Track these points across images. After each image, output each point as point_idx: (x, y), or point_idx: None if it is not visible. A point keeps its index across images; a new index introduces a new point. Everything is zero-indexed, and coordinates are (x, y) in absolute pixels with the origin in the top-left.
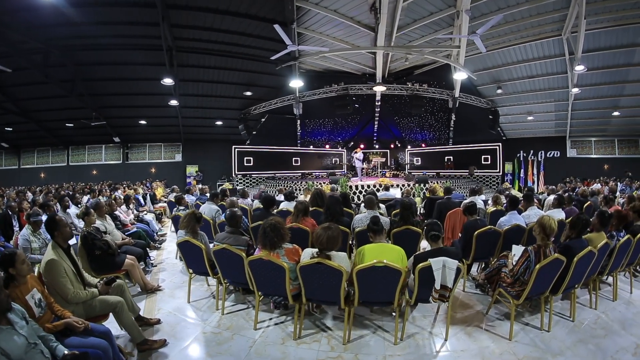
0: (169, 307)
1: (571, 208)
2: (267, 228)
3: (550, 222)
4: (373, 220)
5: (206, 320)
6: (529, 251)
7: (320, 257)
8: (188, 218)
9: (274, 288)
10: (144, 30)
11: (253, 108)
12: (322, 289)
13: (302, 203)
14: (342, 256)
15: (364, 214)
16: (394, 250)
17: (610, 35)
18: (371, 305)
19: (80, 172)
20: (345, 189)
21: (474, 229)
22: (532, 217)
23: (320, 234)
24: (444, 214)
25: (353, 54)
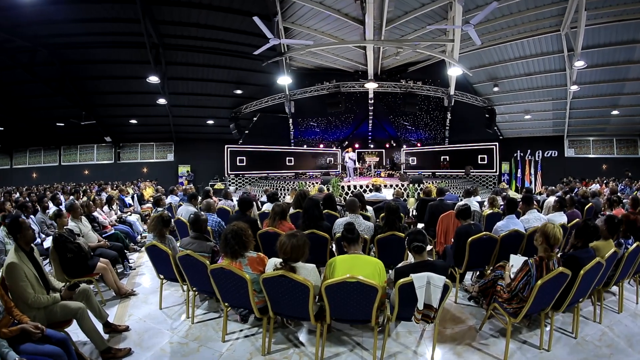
0: (141, 314)
1: (573, 211)
2: (228, 235)
3: (555, 231)
4: (347, 228)
5: (175, 329)
6: (529, 265)
7: (284, 268)
8: (155, 221)
9: (238, 300)
10: (127, 27)
11: (244, 107)
12: (289, 304)
13: (280, 205)
14: (309, 268)
15: (346, 217)
16: (370, 263)
17: (610, 31)
18: (345, 323)
19: (72, 172)
20: (337, 190)
21: (467, 235)
22: (531, 221)
23: (284, 242)
24: (436, 216)
25: (344, 51)
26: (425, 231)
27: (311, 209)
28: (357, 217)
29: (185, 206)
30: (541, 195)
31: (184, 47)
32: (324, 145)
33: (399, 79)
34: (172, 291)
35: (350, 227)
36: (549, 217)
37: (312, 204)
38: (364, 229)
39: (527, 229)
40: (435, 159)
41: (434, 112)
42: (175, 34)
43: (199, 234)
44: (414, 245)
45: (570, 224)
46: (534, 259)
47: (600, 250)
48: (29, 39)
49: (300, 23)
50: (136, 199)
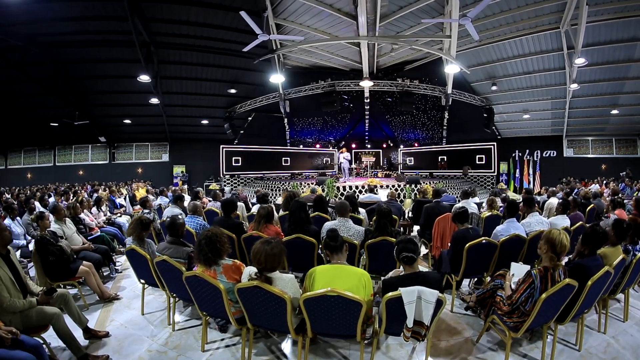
0: (122, 319)
1: (576, 213)
2: (201, 241)
3: (562, 238)
4: (329, 235)
5: (155, 336)
6: (533, 276)
7: (259, 279)
8: (134, 224)
9: (215, 309)
10: (117, 25)
11: (238, 106)
12: (266, 315)
13: (265, 207)
14: (286, 279)
15: (335, 221)
16: (354, 275)
17: (610, 28)
18: (329, 337)
19: (67, 173)
20: (332, 191)
21: (464, 240)
22: (533, 225)
23: (258, 251)
24: (432, 219)
25: (338, 48)
26: (421, 234)
27: (297, 211)
28: (346, 220)
29: (171, 208)
30: (541, 196)
31: (176, 46)
32: (321, 145)
33: (395, 77)
34: (156, 296)
35: (333, 234)
36: (551, 220)
37: (298, 207)
38: (353, 233)
39: (528, 233)
40: (432, 159)
41: (432, 111)
42: (167, 32)
43: (175, 238)
44: (404, 256)
45: (573, 227)
46: (538, 270)
47: (608, 257)
48: (20, 38)
49: (292, 20)
50: (128, 200)
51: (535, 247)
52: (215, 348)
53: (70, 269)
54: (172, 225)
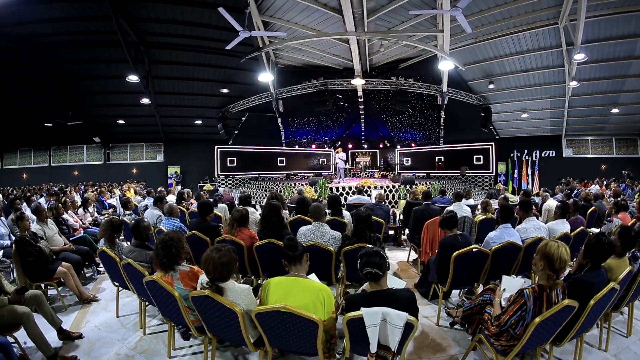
0: (97, 321)
1: (577, 217)
2: (158, 245)
3: (561, 253)
4: (287, 244)
5: (126, 339)
6: (525, 296)
7: (210, 289)
8: (104, 226)
9: (174, 316)
10: (102, 25)
11: (231, 106)
12: (221, 326)
13: (239, 211)
14: (239, 290)
15: (310, 226)
16: (311, 290)
17: (610, 24)
18: (292, 354)
19: (62, 173)
20: (325, 192)
21: (452, 248)
22: (530, 231)
23: (206, 259)
24: (421, 223)
25: (330, 46)
26: (410, 238)
27: (269, 215)
28: (321, 225)
29: (151, 210)
30: (539, 197)
31: (166, 45)
32: (317, 146)
33: (389, 76)
34: (133, 299)
35: (291, 243)
36: (549, 225)
37: (270, 210)
38: (328, 239)
39: (524, 240)
40: (430, 159)
41: (428, 111)
42: (155, 31)
43: (139, 241)
44: (367, 272)
45: (573, 232)
46: (531, 290)
47: (613, 270)
48: (11, 40)
49: (278, 16)
50: (118, 200)
51: (531, 255)
52: (182, 355)
53: (48, 269)
54: (135, 228)
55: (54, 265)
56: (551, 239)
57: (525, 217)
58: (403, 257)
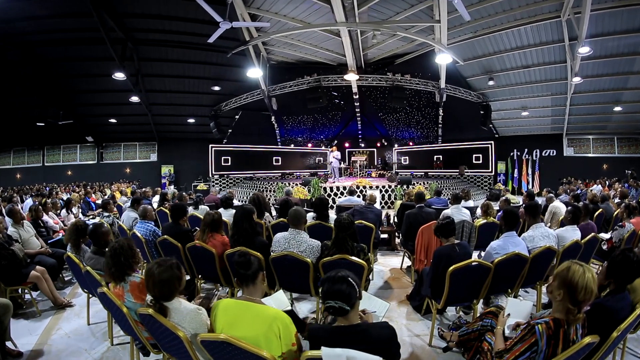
0: (69, 328)
1: (587, 223)
2: (107, 253)
3: (587, 281)
4: (238, 260)
5: (93, 349)
6: (537, 334)
7: (154, 308)
8: (70, 230)
9: (130, 330)
10: (86, 22)
11: (224, 104)
12: (171, 347)
13: (210, 214)
14: (184, 312)
15: (285, 233)
16: (264, 319)
17: (614, 18)
18: None
19: (56, 173)
20: (318, 192)
21: (448, 260)
22: (537, 239)
23: (147, 274)
24: (414, 227)
25: (322, 40)
26: (404, 244)
27: (240, 220)
28: (298, 233)
29: (128, 212)
30: (541, 198)
31: (155, 42)
32: (313, 145)
33: (385, 72)
34: None
35: (243, 259)
36: (559, 232)
37: (241, 214)
38: (305, 249)
39: (531, 250)
40: (428, 158)
41: (426, 108)
42: (142, 27)
43: (97, 248)
44: (329, 306)
45: (584, 239)
46: (545, 326)
47: (637, 291)
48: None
49: (265, 8)
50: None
51: (538, 266)
52: None
53: (22, 273)
54: (92, 234)
55: (27, 269)
56: (574, 261)
57: (532, 223)
58: (396, 263)
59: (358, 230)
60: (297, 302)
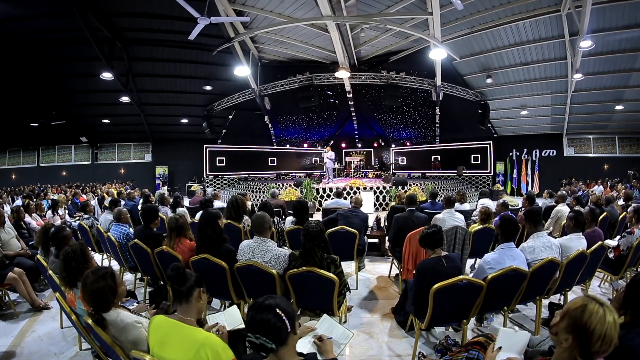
0: (43, 331)
1: (594, 230)
2: (60, 257)
3: (607, 327)
4: (170, 274)
5: (62, 354)
6: None
7: (93, 319)
8: (39, 233)
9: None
10: (71, 22)
11: (216, 104)
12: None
13: (175, 219)
14: (120, 325)
15: (250, 241)
16: (191, 343)
17: (617, 12)
18: None
19: (51, 173)
20: (311, 193)
21: (433, 275)
22: (538, 251)
23: (82, 282)
24: (403, 233)
25: (312, 37)
26: (392, 250)
27: (204, 226)
28: (263, 241)
29: (105, 214)
30: (543, 202)
31: (144, 41)
32: (308, 145)
33: (380, 70)
34: None
35: (175, 273)
36: (562, 241)
37: (206, 219)
38: (270, 259)
39: (531, 263)
40: (425, 158)
41: (423, 107)
42: (130, 26)
43: (58, 252)
44: (251, 342)
45: (590, 249)
46: None
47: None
48: None
49: (250, 4)
50: (96, 202)
51: (539, 281)
52: None
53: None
54: (54, 237)
55: (5, 270)
56: (592, 297)
57: (533, 232)
58: (385, 270)
59: (340, 237)
60: None
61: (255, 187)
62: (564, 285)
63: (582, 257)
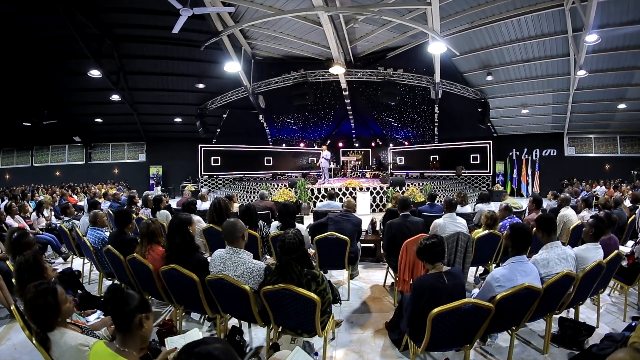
0: (18, 339)
1: (610, 237)
2: (15, 267)
3: None
4: (107, 297)
5: None
6: None
7: (36, 338)
8: (6, 238)
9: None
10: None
11: (210, 102)
12: None
13: (148, 224)
14: (63, 347)
15: (222, 251)
16: None
17: (621, 7)
18: None
19: (45, 174)
20: (305, 194)
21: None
22: (553, 264)
23: (24, 296)
24: (398, 240)
25: (307, 32)
26: (387, 259)
27: (173, 234)
28: (236, 252)
29: (84, 217)
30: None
31: (135, 38)
32: (305, 144)
33: (377, 66)
34: None
35: (112, 296)
36: (578, 251)
37: (175, 226)
38: (242, 272)
39: (544, 279)
40: (424, 158)
41: (421, 106)
42: (119, 22)
43: None
44: None
45: (606, 259)
46: None
47: None
48: None
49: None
50: (86, 203)
51: (551, 298)
52: None
53: None
54: (15, 243)
55: None
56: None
57: (547, 242)
58: (380, 278)
59: (330, 244)
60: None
61: (250, 187)
62: (578, 299)
63: (599, 268)
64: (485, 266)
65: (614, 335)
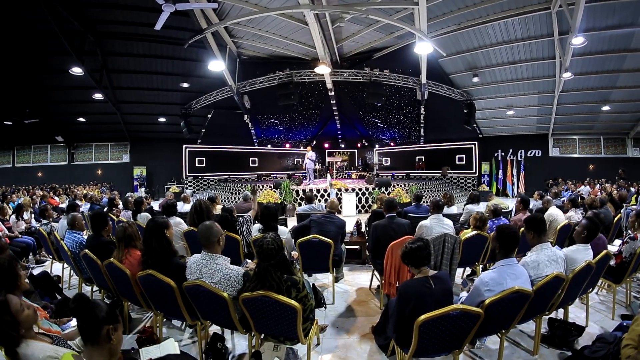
0: None
1: (599, 238)
2: None
3: None
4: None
5: None
6: None
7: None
8: None
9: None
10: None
11: (194, 102)
12: None
13: (124, 227)
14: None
15: (197, 256)
16: None
17: (607, 10)
18: None
19: (27, 174)
20: (290, 195)
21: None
22: (543, 266)
23: None
24: (383, 242)
25: (293, 31)
26: (372, 261)
27: (150, 238)
28: (212, 257)
29: (62, 220)
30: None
31: (119, 35)
32: (291, 145)
33: (363, 67)
34: None
35: (76, 306)
36: (567, 252)
37: (151, 229)
38: (219, 279)
39: (534, 281)
40: (410, 159)
41: (407, 107)
42: (103, 19)
43: None
44: None
45: (595, 259)
46: None
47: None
48: None
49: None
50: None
51: (541, 300)
52: None
53: None
54: None
55: None
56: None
57: (536, 243)
58: (365, 281)
59: (313, 247)
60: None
61: (236, 188)
62: (567, 299)
63: (588, 269)
64: (473, 267)
65: (606, 336)
